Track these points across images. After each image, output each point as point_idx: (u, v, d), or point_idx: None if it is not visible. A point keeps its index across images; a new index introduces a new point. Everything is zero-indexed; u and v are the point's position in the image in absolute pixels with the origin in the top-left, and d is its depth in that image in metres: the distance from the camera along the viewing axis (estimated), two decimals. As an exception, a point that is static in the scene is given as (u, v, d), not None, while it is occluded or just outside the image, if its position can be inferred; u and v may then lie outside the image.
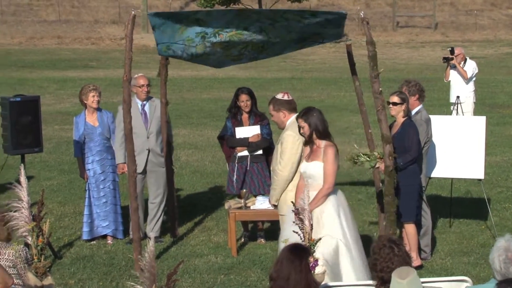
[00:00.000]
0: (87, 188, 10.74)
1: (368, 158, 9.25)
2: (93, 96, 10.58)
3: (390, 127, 9.89)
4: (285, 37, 9.07)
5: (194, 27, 8.71)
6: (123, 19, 52.93)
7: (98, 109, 10.68)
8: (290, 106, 8.46)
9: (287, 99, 8.47)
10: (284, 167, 8.22)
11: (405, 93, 9.86)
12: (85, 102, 10.64)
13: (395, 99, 9.65)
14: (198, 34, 8.78)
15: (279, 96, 8.51)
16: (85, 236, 10.69)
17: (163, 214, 10.78)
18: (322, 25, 8.90)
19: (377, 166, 9.30)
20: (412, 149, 9.50)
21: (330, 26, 8.96)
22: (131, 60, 8.88)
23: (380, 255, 5.73)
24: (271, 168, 8.62)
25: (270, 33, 8.89)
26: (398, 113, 9.67)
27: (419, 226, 9.94)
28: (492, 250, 5.71)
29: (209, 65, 10.25)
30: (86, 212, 10.70)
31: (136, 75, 10.36)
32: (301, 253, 5.69)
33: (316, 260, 5.92)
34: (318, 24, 8.83)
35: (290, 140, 8.23)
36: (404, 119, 9.66)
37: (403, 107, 9.63)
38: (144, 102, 10.55)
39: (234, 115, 10.67)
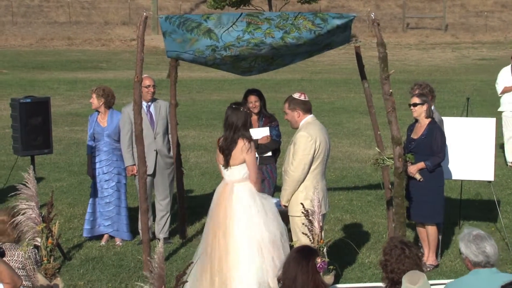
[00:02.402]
0: (92, 187, 10.80)
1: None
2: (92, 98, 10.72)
3: (412, 128, 9.88)
4: (295, 50, 9.06)
5: (205, 40, 8.69)
6: (133, 20, 53.09)
7: (111, 110, 10.73)
8: (306, 107, 8.46)
9: (303, 99, 8.48)
10: (296, 168, 8.21)
11: (425, 94, 9.85)
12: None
13: (416, 100, 9.65)
14: (208, 47, 8.76)
15: (296, 95, 8.51)
16: (85, 234, 10.75)
17: (170, 215, 10.81)
18: (332, 34, 8.86)
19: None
20: (441, 152, 9.56)
21: (338, 32, 8.94)
22: (142, 62, 8.89)
23: (391, 256, 5.74)
24: (283, 169, 8.61)
25: (281, 49, 8.88)
26: (419, 114, 9.66)
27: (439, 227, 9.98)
28: (460, 245, 5.84)
29: (222, 70, 10.25)
30: (89, 210, 10.77)
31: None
32: (309, 254, 5.68)
33: (324, 262, 5.91)
34: (328, 33, 8.79)
35: (303, 141, 8.22)
36: (429, 121, 9.65)
37: (424, 107, 9.62)
38: (149, 103, 10.57)
39: (244, 117, 10.64)
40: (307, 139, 8.20)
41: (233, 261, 7.85)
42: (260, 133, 10.56)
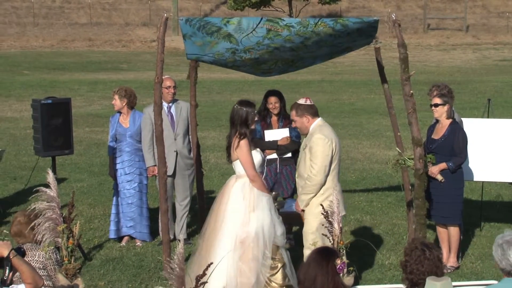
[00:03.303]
0: (114, 188, 10.85)
1: None
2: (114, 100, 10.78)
3: (432, 129, 9.84)
4: (315, 51, 9.04)
5: (224, 43, 8.69)
6: (153, 21, 53.25)
7: (133, 111, 10.77)
8: (313, 111, 8.42)
9: (309, 103, 8.43)
10: (319, 172, 8.16)
11: (447, 95, 9.81)
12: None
13: (437, 100, 9.62)
14: (228, 50, 8.77)
15: (302, 101, 8.46)
16: (111, 235, 10.78)
17: (189, 215, 10.84)
18: (353, 39, 8.82)
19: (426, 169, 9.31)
20: (462, 152, 9.53)
21: (360, 38, 8.90)
22: (163, 63, 8.89)
23: (411, 257, 5.73)
24: (296, 174, 8.57)
25: (300, 51, 8.86)
26: (441, 114, 9.63)
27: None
28: (493, 247, 5.81)
29: (242, 72, 10.25)
30: (113, 211, 10.81)
31: (162, 77, 10.41)
32: (329, 255, 5.68)
33: (344, 263, 5.90)
34: (349, 37, 8.74)
35: (321, 143, 8.18)
36: (450, 121, 9.63)
37: (446, 108, 9.59)
38: (170, 104, 10.61)
39: (264, 118, 10.65)
40: (324, 141, 8.17)
41: (210, 253, 7.94)
42: (279, 134, 10.56)
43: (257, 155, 8.25)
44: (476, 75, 36.03)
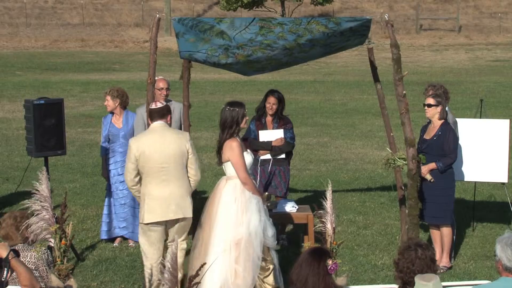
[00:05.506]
0: (107, 188, 10.83)
1: (405, 162, 9.22)
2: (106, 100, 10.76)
3: (425, 129, 9.86)
4: (308, 51, 9.03)
5: (218, 39, 8.70)
6: (146, 22, 53.18)
7: (125, 111, 10.77)
8: (151, 115, 8.34)
9: (150, 107, 8.37)
10: (124, 173, 8.33)
11: (441, 96, 9.83)
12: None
13: (431, 101, 9.64)
14: (221, 46, 8.78)
15: (152, 105, 8.41)
16: (103, 236, 10.77)
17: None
18: (346, 38, 8.82)
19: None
20: (453, 152, 9.55)
21: (353, 38, 8.90)
22: (155, 63, 8.89)
23: (403, 256, 5.74)
24: None
25: (294, 49, 8.85)
26: (433, 115, 9.65)
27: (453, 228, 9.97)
28: (496, 247, 5.82)
29: (233, 72, 10.25)
30: (105, 211, 10.79)
31: (155, 78, 10.40)
32: (320, 255, 5.66)
33: (335, 263, 5.87)
34: (343, 36, 8.74)
35: (128, 147, 8.25)
36: (441, 122, 9.65)
37: (438, 109, 9.61)
38: (163, 105, 10.60)
39: (259, 118, 10.65)
40: (129, 145, 8.18)
41: (205, 256, 7.95)
42: (274, 135, 10.55)
43: (248, 157, 8.27)
44: (469, 76, 36.10)
